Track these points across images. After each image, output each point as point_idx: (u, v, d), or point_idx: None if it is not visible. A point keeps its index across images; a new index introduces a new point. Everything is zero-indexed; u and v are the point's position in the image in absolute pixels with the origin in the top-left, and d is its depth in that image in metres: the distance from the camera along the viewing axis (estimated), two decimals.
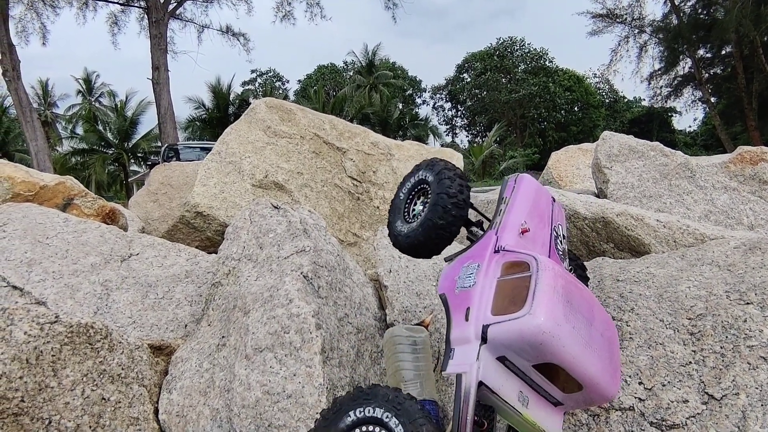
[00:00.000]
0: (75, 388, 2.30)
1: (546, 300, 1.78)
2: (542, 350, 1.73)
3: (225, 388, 2.35)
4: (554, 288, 1.83)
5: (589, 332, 1.85)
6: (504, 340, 1.77)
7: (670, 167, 4.51)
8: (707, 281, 2.56)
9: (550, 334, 1.71)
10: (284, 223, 3.00)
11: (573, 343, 1.75)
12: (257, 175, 4.50)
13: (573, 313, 1.83)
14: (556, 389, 1.84)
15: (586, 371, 1.78)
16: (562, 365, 1.76)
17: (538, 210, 2.31)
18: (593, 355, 1.81)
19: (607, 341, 1.92)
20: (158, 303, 3.24)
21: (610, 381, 1.84)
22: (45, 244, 3.39)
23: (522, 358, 1.78)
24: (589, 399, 1.87)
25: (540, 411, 1.84)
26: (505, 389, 1.78)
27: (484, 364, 1.77)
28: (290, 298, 2.46)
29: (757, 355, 2.09)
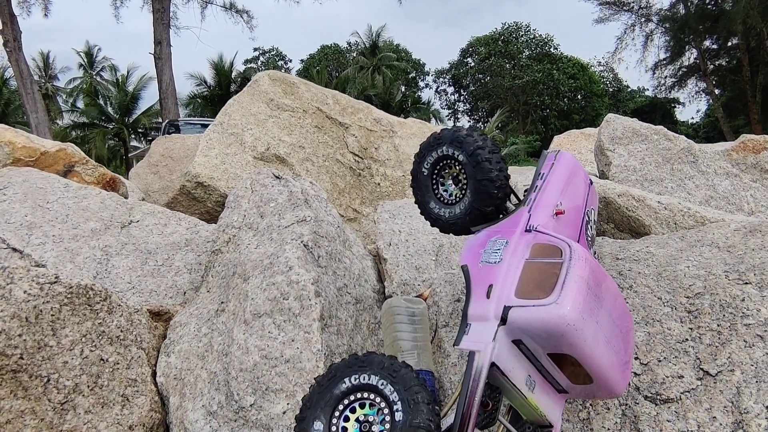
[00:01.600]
0: (74, 348, 2.31)
1: (575, 292, 1.74)
2: (562, 341, 1.70)
3: (223, 352, 2.36)
4: (585, 280, 1.79)
5: (611, 328, 1.83)
6: (524, 325, 1.74)
7: (673, 152, 4.50)
8: (706, 261, 2.57)
9: (573, 327, 1.67)
10: (285, 193, 3.00)
11: (594, 338, 1.73)
12: (259, 147, 4.49)
13: (599, 307, 1.80)
14: (565, 378, 1.82)
15: (602, 367, 1.76)
16: (579, 359, 1.73)
17: (575, 191, 2.27)
18: (611, 352, 1.79)
19: (624, 335, 1.90)
20: (157, 270, 3.25)
21: (620, 377, 1.83)
22: (45, 209, 3.39)
23: (538, 345, 1.76)
24: (596, 392, 1.86)
25: (544, 396, 1.83)
26: (515, 372, 1.76)
27: (499, 345, 1.74)
28: (290, 266, 2.46)
29: (753, 333, 2.10)
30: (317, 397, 1.76)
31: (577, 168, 2.36)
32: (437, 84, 57.36)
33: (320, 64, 46.90)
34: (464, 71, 54.50)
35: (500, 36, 52.61)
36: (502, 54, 51.90)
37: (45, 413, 2.15)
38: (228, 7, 29.16)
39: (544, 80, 48.99)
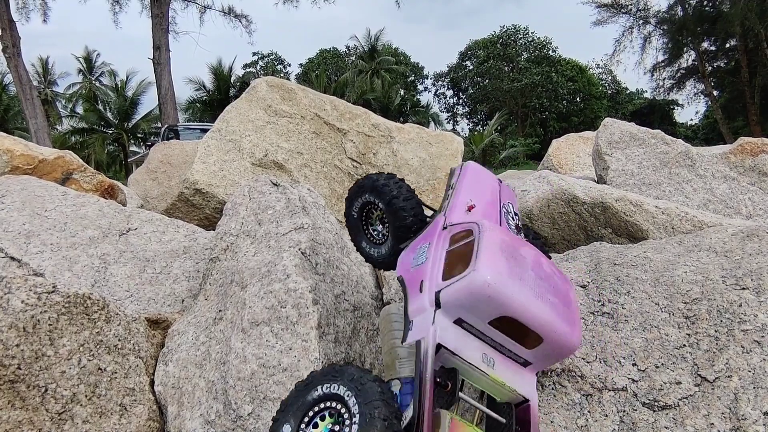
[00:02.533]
0: (71, 358, 2.31)
1: (489, 255, 1.87)
2: (492, 303, 1.80)
3: (221, 361, 2.36)
4: (497, 244, 1.93)
5: (539, 284, 1.93)
6: (455, 301, 1.84)
7: (671, 155, 4.51)
8: (704, 266, 2.57)
9: (495, 286, 1.79)
10: (283, 200, 3.00)
11: (521, 293, 1.83)
12: (257, 153, 4.49)
13: (519, 266, 1.92)
14: (519, 346, 1.89)
15: (541, 319, 1.85)
16: (515, 315, 1.82)
17: (484, 189, 2.43)
18: (545, 305, 1.88)
19: (561, 294, 2.00)
20: (156, 278, 3.25)
21: (569, 330, 1.90)
22: (43, 217, 3.39)
23: (476, 317, 1.84)
24: (553, 351, 1.92)
25: (508, 371, 1.90)
26: (467, 350, 1.84)
27: (441, 327, 1.83)
28: (287, 273, 2.46)
29: (751, 339, 2.11)
30: (292, 401, 1.81)
31: (482, 172, 2.54)
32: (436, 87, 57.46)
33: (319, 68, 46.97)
34: (463, 74, 54.58)
35: (499, 39, 52.71)
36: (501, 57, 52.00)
37: (43, 423, 2.15)
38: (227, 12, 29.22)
39: (543, 83, 49.06)
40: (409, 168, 4.93)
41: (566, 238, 3.49)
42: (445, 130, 50.16)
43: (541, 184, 3.55)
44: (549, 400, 2.16)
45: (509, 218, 2.39)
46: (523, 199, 3.56)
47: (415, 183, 4.90)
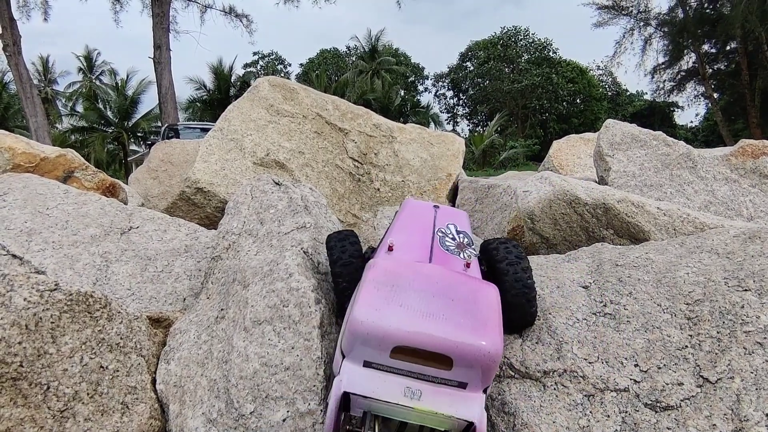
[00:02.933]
0: (74, 356, 2.31)
1: (364, 294, 1.96)
2: (375, 338, 1.85)
3: (223, 360, 2.36)
4: (374, 280, 2.02)
5: (430, 302, 1.97)
6: (347, 346, 1.93)
7: (672, 157, 4.51)
8: (706, 268, 2.57)
9: (368, 322, 1.86)
10: (285, 199, 3.00)
11: (400, 320, 1.88)
12: (258, 153, 4.49)
13: (401, 293, 1.97)
14: (439, 369, 1.90)
15: (432, 337, 1.86)
16: (403, 343, 1.85)
17: (415, 223, 2.58)
18: (434, 322, 1.90)
19: (464, 302, 2.01)
20: (157, 276, 3.25)
21: (474, 336, 1.89)
22: (45, 215, 3.39)
23: (376, 354, 1.89)
24: (469, 363, 1.90)
25: (441, 398, 1.89)
26: (383, 390, 1.88)
27: (348, 376, 1.89)
28: (290, 272, 2.46)
29: (753, 340, 2.11)
30: None
31: (414, 206, 2.74)
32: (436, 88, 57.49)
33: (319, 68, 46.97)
34: (463, 75, 54.60)
35: (499, 40, 52.73)
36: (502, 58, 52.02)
37: (45, 421, 2.15)
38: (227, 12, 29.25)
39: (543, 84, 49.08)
40: (411, 168, 4.93)
41: (568, 239, 3.49)
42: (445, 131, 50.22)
43: (543, 184, 3.55)
44: (551, 401, 2.16)
45: (446, 240, 2.48)
46: (525, 199, 3.56)
47: (416, 183, 4.90)
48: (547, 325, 2.42)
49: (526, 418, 2.10)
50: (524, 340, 2.40)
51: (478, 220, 4.50)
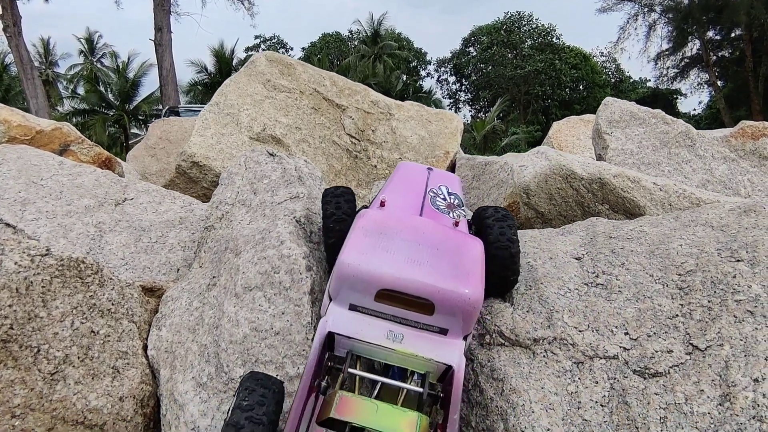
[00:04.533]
0: (64, 320, 2.31)
1: (352, 240, 2.03)
2: (361, 280, 1.93)
3: (213, 325, 2.36)
4: (362, 227, 2.09)
5: (416, 250, 2.03)
6: (335, 290, 1.98)
7: (671, 135, 4.49)
8: (699, 240, 2.56)
9: (355, 265, 1.93)
10: (279, 170, 2.99)
11: (386, 263, 1.95)
12: (255, 128, 4.47)
13: (387, 240, 2.05)
14: (420, 314, 1.96)
15: (416, 282, 1.92)
16: (387, 286, 1.92)
17: (408, 183, 2.62)
18: (418, 268, 1.96)
19: (449, 252, 2.08)
20: (151, 247, 3.25)
21: (456, 283, 1.95)
22: (39, 185, 3.38)
23: (361, 297, 1.96)
24: (450, 309, 1.95)
25: (421, 342, 1.96)
26: (367, 332, 1.95)
27: (333, 317, 1.96)
28: (282, 240, 2.46)
29: (744, 309, 2.10)
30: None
31: (410, 167, 2.77)
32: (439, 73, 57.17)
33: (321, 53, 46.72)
34: (466, 60, 54.25)
35: (503, 25, 52.32)
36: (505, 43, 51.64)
37: (35, 383, 2.16)
38: None
39: (546, 70, 48.78)
40: (408, 146, 4.91)
41: (563, 214, 3.48)
42: None
43: (539, 159, 3.54)
44: (540, 368, 2.16)
45: (437, 200, 2.53)
46: (521, 174, 3.54)
47: (414, 160, 4.88)
48: (539, 295, 2.42)
49: (515, 384, 2.10)
50: (515, 309, 2.39)
51: (474, 197, 4.48)
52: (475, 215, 2.54)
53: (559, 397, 2.05)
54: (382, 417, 1.74)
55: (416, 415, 1.77)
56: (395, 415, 1.76)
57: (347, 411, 1.73)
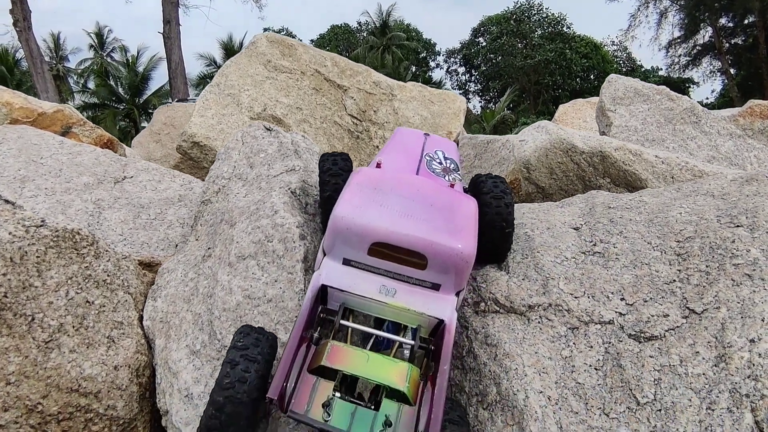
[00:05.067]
0: (59, 290, 2.32)
1: (346, 194, 2.06)
2: (354, 233, 1.95)
3: (207, 294, 2.36)
4: (356, 182, 2.12)
5: (409, 205, 2.05)
6: (329, 244, 2.00)
7: (676, 111, 4.42)
8: (699, 208, 2.52)
9: (348, 217, 1.95)
10: (275, 144, 2.98)
11: (379, 216, 1.97)
12: (255, 108, 4.46)
13: (381, 195, 2.07)
14: (413, 269, 1.98)
15: (408, 235, 1.94)
16: (380, 238, 1.93)
17: (404, 146, 2.64)
18: (412, 222, 1.98)
19: (443, 208, 2.09)
20: (150, 223, 3.25)
21: (449, 237, 1.97)
22: (39, 163, 3.39)
23: (354, 251, 1.98)
24: (443, 263, 1.96)
25: (414, 297, 1.98)
26: (360, 286, 1.97)
27: (327, 271, 1.98)
28: (276, 210, 2.45)
29: (742, 272, 2.07)
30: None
31: (408, 132, 2.79)
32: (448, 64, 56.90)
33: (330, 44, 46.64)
34: (475, 51, 53.94)
35: (512, 15, 51.93)
36: (514, 33, 51.27)
37: (29, 351, 2.16)
38: None
39: (557, 60, 48.39)
40: (410, 126, 4.88)
41: (564, 189, 3.44)
42: None
43: (539, 133, 3.50)
44: (534, 333, 2.14)
45: (433, 163, 2.54)
46: (521, 149, 3.51)
47: None
48: (535, 263, 2.39)
49: (508, 349, 2.08)
50: (510, 277, 2.37)
51: None
52: (472, 182, 2.52)
53: (553, 362, 2.02)
54: (373, 366, 1.75)
55: (407, 365, 1.78)
56: (386, 364, 1.77)
57: (338, 359, 1.75)
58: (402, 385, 1.73)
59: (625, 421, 1.80)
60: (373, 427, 1.68)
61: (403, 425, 1.71)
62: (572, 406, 1.88)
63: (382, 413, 1.72)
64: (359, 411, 1.71)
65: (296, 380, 1.76)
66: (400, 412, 1.74)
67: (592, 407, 1.87)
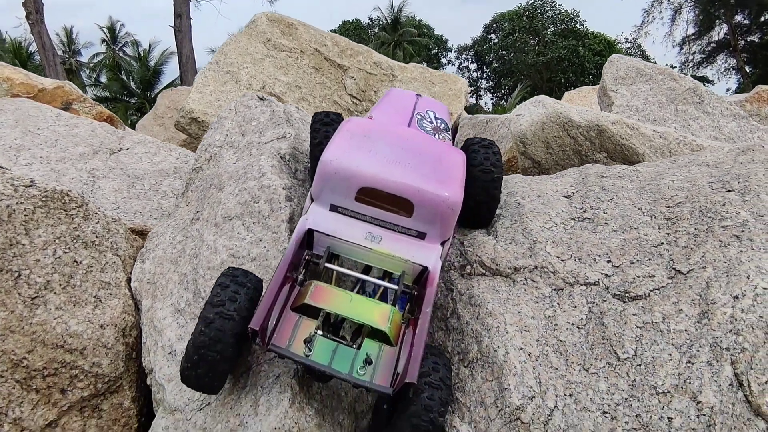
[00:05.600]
0: (47, 248, 2.33)
1: (335, 141, 2.10)
2: (342, 177, 1.98)
3: (194, 255, 2.36)
4: (346, 130, 2.15)
5: (399, 153, 2.08)
6: (318, 190, 2.04)
7: (678, 92, 4.37)
8: (692, 176, 2.49)
9: (336, 161, 1.98)
10: (268, 113, 2.98)
11: (367, 161, 2.00)
12: (254, 85, 4.46)
13: (371, 142, 2.10)
14: (399, 216, 2.01)
15: (396, 181, 1.97)
16: (367, 183, 1.97)
17: (396, 105, 2.67)
18: (400, 168, 2.01)
19: (431, 158, 2.12)
20: (144, 193, 3.26)
21: (436, 185, 2.00)
22: (35, 134, 3.41)
23: (342, 197, 2.01)
24: (429, 210, 1.99)
25: (399, 245, 2.00)
26: (346, 231, 2.00)
27: (313, 216, 2.00)
28: (263, 172, 2.45)
29: (730, 233, 2.04)
30: None
31: (400, 92, 2.81)
32: (460, 60, 56.65)
33: None
34: (487, 48, 53.66)
35: (525, 11, 51.60)
36: (527, 30, 50.94)
37: (15, 306, 2.17)
38: None
39: (569, 57, 48.02)
40: None
41: (560, 163, 3.41)
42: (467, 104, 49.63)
43: (536, 108, 3.47)
44: (519, 294, 2.12)
45: (423, 122, 2.57)
46: (518, 123, 3.48)
47: None
48: (523, 228, 2.37)
49: (491, 308, 2.06)
50: (498, 241, 2.35)
51: None
52: (463, 145, 2.51)
53: (536, 321, 2.00)
54: (356, 306, 1.77)
55: (389, 307, 1.80)
56: (369, 305, 1.79)
57: (322, 299, 1.76)
58: (384, 326, 1.74)
59: (605, 376, 1.78)
60: (354, 365, 1.69)
61: (383, 364, 1.72)
62: (552, 362, 1.87)
63: (363, 351, 1.73)
64: (340, 348, 1.72)
65: (278, 318, 1.76)
66: (381, 352, 1.75)
67: (572, 363, 1.85)
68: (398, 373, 1.69)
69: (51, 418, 2.22)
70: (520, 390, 1.79)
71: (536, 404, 1.75)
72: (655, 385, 1.68)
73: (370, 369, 1.70)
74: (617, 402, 1.70)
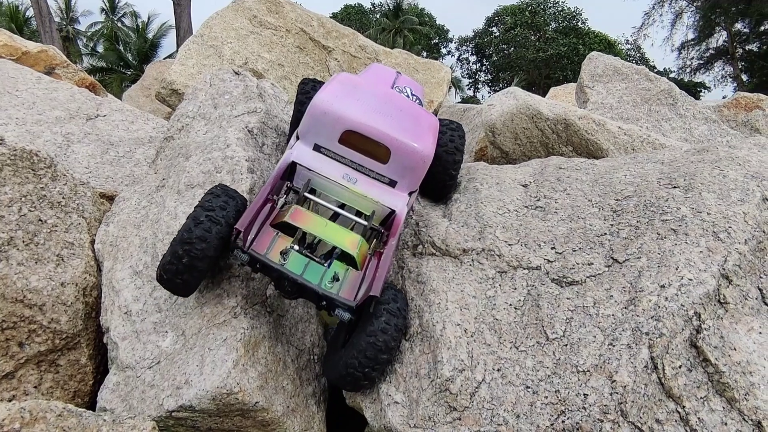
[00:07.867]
0: (12, 205, 2.39)
1: (327, 87, 2.29)
2: (329, 118, 2.19)
3: (155, 220, 2.43)
4: (338, 80, 2.36)
5: (383, 105, 2.30)
6: (305, 129, 2.24)
7: (653, 92, 4.45)
8: (645, 172, 2.58)
9: (326, 103, 2.19)
10: (241, 87, 3.03)
11: (354, 107, 2.22)
12: (237, 61, 4.51)
13: (359, 93, 2.32)
14: (376, 162, 2.23)
15: (379, 128, 2.19)
16: (352, 127, 2.18)
17: (377, 77, 2.90)
18: (384, 118, 2.24)
19: (411, 116, 2.35)
20: (117, 160, 3.31)
21: (413, 138, 2.23)
22: (13, 95, 3.45)
23: (326, 138, 2.22)
24: (403, 160, 2.22)
25: (372, 188, 2.23)
26: (325, 169, 2.21)
27: (298, 151, 2.22)
28: (228, 143, 2.51)
29: (668, 227, 2.12)
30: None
31: (382, 68, 3.09)
32: (460, 52, 56.50)
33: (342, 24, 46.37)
34: (488, 40, 53.50)
35: (528, 6, 51.45)
36: (528, 25, 50.81)
37: None
38: None
39: (569, 54, 47.97)
40: None
41: (527, 155, 3.49)
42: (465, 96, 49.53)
43: (507, 98, 3.54)
44: (464, 274, 2.20)
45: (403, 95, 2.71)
46: (488, 113, 3.55)
47: None
48: (477, 212, 2.45)
49: (435, 286, 2.15)
50: (451, 223, 2.43)
51: None
52: None
53: (477, 300, 2.09)
54: (329, 231, 1.99)
55: (359, 237, 2.03)
56: (341, 231, 2.01)
57: (300, 220, 1.97)
58: (353, 251, 1.96)
59: (533, 354, 1.87)
60: (323, 279, 1.89)
61: (348, 282, 1.94)
62: (486, 338, 1.95)
63: (332, 270, 1.93)
64: (312, 264, 1.92)
65: (257, 232, 1.94)
66: (348, 273, 1.96)
67: (504, 341, 1.94)
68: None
69: (8, 369, 2.29)
70: (452, 363, 1.87)
71: (465, 377, 1.84)
72: (576, 364, 1.77)
73: (337, 285, 1.90)
74: (540, 378, 1.79)
